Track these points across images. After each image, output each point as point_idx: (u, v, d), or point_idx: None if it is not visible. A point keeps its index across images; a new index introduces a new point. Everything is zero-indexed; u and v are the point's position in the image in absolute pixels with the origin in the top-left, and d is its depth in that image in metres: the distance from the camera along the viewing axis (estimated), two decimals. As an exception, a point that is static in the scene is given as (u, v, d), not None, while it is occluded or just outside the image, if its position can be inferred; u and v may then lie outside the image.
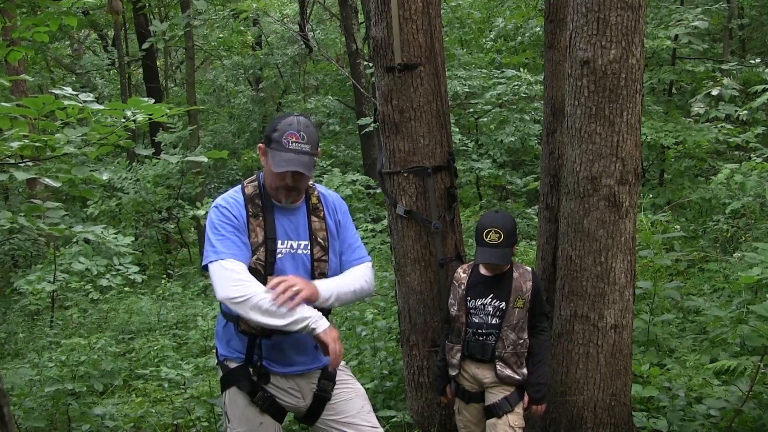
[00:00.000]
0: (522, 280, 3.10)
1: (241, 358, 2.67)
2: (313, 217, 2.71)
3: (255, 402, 2.66)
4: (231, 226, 2.58)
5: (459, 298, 3.15)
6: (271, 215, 2.63)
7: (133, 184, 11.08)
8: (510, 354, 3.07)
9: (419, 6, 3.58)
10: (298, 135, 2.54)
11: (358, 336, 5.03)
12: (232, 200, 2.64)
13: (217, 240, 2.56)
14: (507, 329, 3.06)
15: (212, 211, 2.64)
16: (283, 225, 2.65)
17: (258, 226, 2.60)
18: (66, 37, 18.74)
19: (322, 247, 2.70)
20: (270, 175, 2.61)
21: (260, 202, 2.65)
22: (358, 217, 10.50)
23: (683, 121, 9.27)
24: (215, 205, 2.65)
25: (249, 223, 2.60)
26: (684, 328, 5.26)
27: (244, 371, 2.66)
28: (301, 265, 2.66)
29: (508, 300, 3.07)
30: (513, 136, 10.59)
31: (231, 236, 2.56)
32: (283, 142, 2.53)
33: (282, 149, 2.53)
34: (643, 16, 3.28)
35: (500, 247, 3.00)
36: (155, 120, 3.73)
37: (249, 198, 2.64)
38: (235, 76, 18.95)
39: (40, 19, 4.58)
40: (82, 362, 5.10)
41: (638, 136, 3.36)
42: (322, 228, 2.72)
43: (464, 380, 3.19)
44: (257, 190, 2.67)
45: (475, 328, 3.10)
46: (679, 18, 8.77)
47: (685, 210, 8.97)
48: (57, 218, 4.21)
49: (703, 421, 3.73)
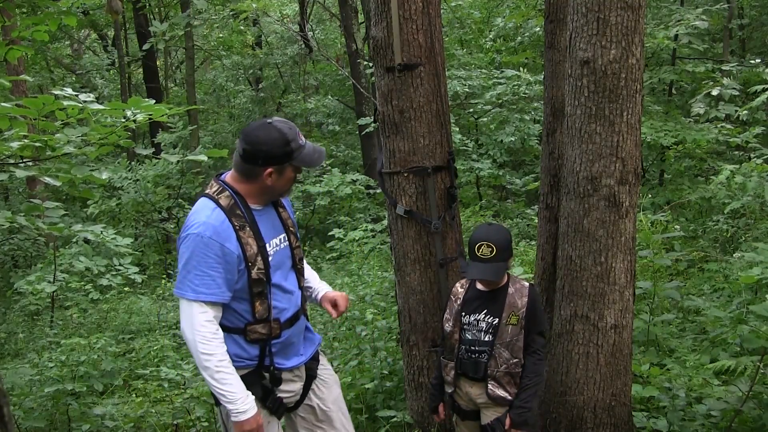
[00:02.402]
0: (517, 296, 2.98)
1: (252, 364, 2.63)
2: (280, 209, 2.77)
3: (267, 406, 2.66)
4: (211, 261, 2.46)
5: (454, 313, 3.07)
6: (255, 223, 2.59)
7: (133, 184, 11.08)
8: (503, 373, 2.95)
9: (419, 6, 3.57)
10: (299, 131, 2.62)
11: (358, 336, 5.03)
12: (215, 223, 2.49)
13: (188, 275, 2.47)
14: (500, 347, 2.95)
15: (190, 239, 2.48)
16: (265, 226, 2.65)
17: (249, 237, 2.55)
18: (66, 37, 18.76)
19: (294, 235, 2.80)
20: (287, 182, 2.62)
21: (240, 211, 2.56)
22: (358, 217, 10.51)
23: (683, 121, 9.28)
24: (195, 233, 2.47)
25: (239, 237, 2.51)
26: (684, 328, 5.26)
27: (256, 377, 2.64)
28: (287, 257, 2.74)
29: (500, 316, 2.96)
30: (513, 136, 10.60)
31: (209, 271, 2.46)
32: (300, 141, 2.57)
33: (303, 148, 2.57)
34: (643, 16, 3.28)
35: (492, 262, 2.90)
36: (155, 120, 3.73)
37: (229, 211, 2.54)
38: (235, 76, 18.95)
39: (39, 18, 4.58)
40: (82, 362, 5.10)
41: (638, 136, 3.35)
42: (288, 217, 2.80)
43: (459, 398, 3.13)
44: (233, 200, 2.57)
45: (468, 345, 3.01)
46: (679, 18, 8.77)
47: (685, 210, 8.98)
48: (56, 218, 4.21)
49: (703, 421, 3.73)
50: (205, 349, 2.46)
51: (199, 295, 2.46)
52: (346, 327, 5.49)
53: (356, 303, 5.82)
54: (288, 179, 2.62)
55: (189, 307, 2.48)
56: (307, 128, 16.62)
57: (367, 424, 4.02)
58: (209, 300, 2.47)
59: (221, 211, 2.53)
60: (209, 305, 2.48)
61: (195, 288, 2.46)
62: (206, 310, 2.47)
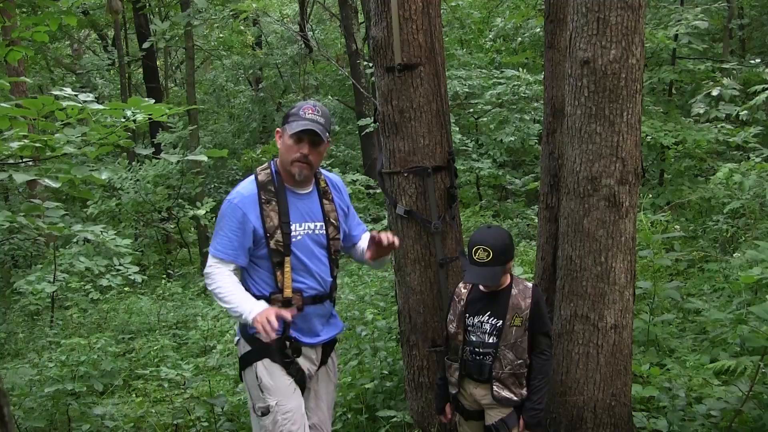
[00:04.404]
0: (520, 297, 2.98)
1: (277, 332, 2.75)
2: (324, 200, 3.01)
3: (290, 373, 2.88)
4: (233, 224, 2.85)
5: (458, 314, 3.07)
6: (284, 200, 2.88)
7: (133, 184, 11.07)
8: (507, 375, 2.96)
9: (419, 6, 3.57)
10: (314, 108, 2.88)
11: (358, 336, 5.03)
12: (245, 193, 2.87)
13: (216, 234, 2.90)
14: (504, 348, 2.95)
15: (224, 203, 2.92)
16: (299, 208, 2.92)
17: (272, 211, 2.85)
18: (66, 37, 18.74)
19: (335, 227, 3.02)
20: (286, 149, 2.87)
21: (273, 188, 2.89)
22: (358, 217, 10.50)
23: (683, 121, 9.27)
24: (228, 199, 2.90)
25: (262, 209, 2.84)
26: (684, 328, 5.25)
27: (279, 345, 2.85)
28: (319, 244, 2.95)
29: (504, 318, 2.95)
30: (513, 136, 10.59)
31: (229, 233, 2.86)
32: (300, 113, 2.86)
33: (299, 119, 2.85)
34: (643, 16, 3.28)
35: (488, 266, 2.88)
36: (155, 120, 3.72)
37: (262, 185, 2.89)
38: (235, 76, 18.96)
39: (39, 18, 4.58)
40: (82, 362, 5.10)
41: (638, 136, 3.35)
42: (332, 210, 3.03)
43: (463, 399, 3.13)
44: (270, 177, 2.92)
45: (472, 347, 3.01)
46: (679, 18, 8.76)
47: (685, 210, 8.97)
48: (56, 218, 4.21)
49: (703, 421, 3.73)
50: (208, 280, 2.90)
51: (216, 252, 2.88)
52: (346, 327, 5.49)
53: (356, 303, 5.83)
54: (286, 146, 2.87)
55: (209, 258, 2.91)
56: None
57: (367, 424, 4.02)
58: (219, 257, 2.87)
59: (255, 184, 2.90)
60: (220, 261, 2.87)
61: (214, 245, 2.89)
62: (218, 263, 2.87)
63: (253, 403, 2.89)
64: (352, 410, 4.14)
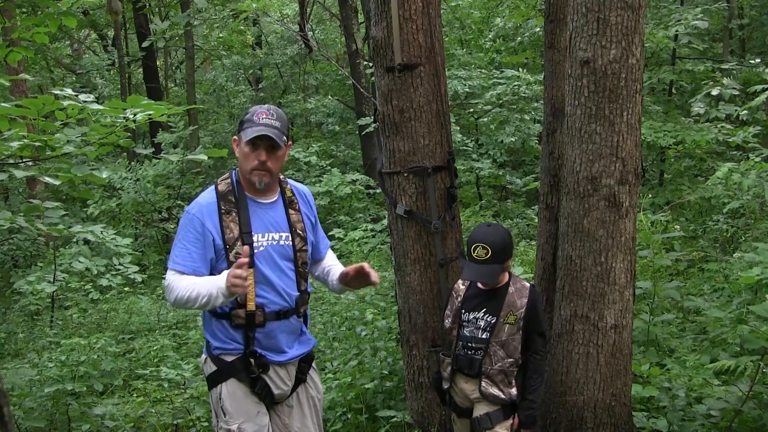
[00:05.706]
0: (517, 296, 2.99)
1: (240, 350, 2.72)
2: (290, 210, 2.86)
3: (256, 392, 2.74)
4: (192, 235, 2.72)
5: (454, 310, 3.10)
6: (246, 210, 2.74)
7: (133, 184, 11.07)
8: (497, 371, 2.97)
9: (419, 6, 3.57)
10: (268, 112, 2.73)
11: (358, 336, 5.03)
12: (203, 203, 2.74)
13: (175, 246, 2.76)
14: (495, 345, 2.96)
15: (183, 214, 2.80)
16: (262, 218, 2.77)
17: (233, 222, 2.72)
18: (66, 37, 18.74)
19: (302, 238, 2.85)
20: (244, 157, 2.73)
21: (233, 198, 2.76)
22: (358, 217, 10.50)
23: (683, 121, 9.27)
24: (187, 210, 2.78)
25: (222, 220, 2.71)
26: (684, 328, 5.25)
27: (244, 362, 2.74)
28: (285, 256, 2.80)
29: (498, 315, 2.97)
30: (513, 136, 10.60)
31: (188, 245, 2.71)
32: (254, 118, 2.72)
33: (253, 124, 2.70)
34: (643, 16, 3.28)
35: (486, 264, 2.89)
36: (155, 120, 3.72)
37: (222, 195, 2.75)
38: (235, 76, 18.94)
39: (39, 19, 4.58)
40: (82, 362, 5.10)
41: (638, 136, 3.36)
42: (299, 220, 2.87)
43: (455, 395, 3.15)
44: (230, 186, 2.78)
45: (464, 342, 3.03)
46: (679, 18, 8.76)
47: (685, 210, 8.97)
48: (56, 218, 4.21)
49: (703, 421, 3.73)
50: (166, 294, 2.74)
51: (174, 264, 2.72)
52: (346, 327, 5.49)
53: (356, 303, 5.82)
54: (243, 154, 2.74)
55: (167, 272, 2.76)
56: (307, 128, 16.63)
57: (367, 424, 4.02)
58: (178, 269, 2.71)
59: (215, 194, 2.76)
60: (178, 273, 2.71)
61: (173, 257, 2.73)
62: (176, 276, 2.71)
63: (217, 423, 2.80)
64: (352, 410, 4.14)
